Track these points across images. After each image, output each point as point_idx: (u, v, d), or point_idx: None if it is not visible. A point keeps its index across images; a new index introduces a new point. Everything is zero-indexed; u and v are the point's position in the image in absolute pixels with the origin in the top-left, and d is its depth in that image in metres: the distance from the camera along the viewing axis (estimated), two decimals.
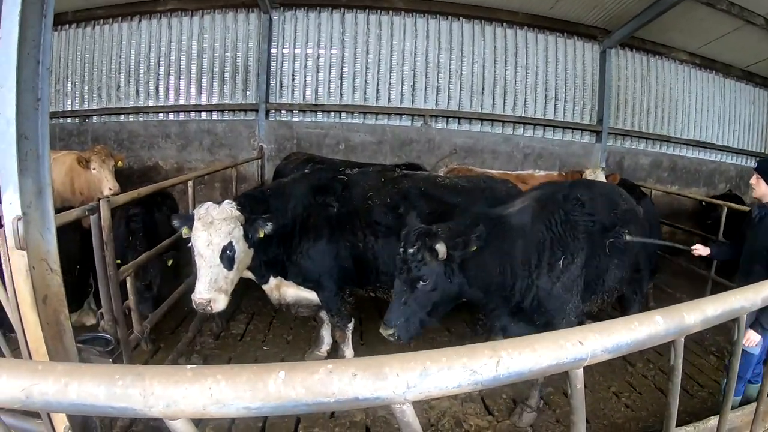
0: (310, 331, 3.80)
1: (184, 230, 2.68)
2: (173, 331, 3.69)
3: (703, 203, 5.74)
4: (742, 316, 1.45)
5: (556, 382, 3.11)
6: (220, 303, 2.55)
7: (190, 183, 3.62)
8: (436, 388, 0.76)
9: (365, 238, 3.02)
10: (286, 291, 3.20)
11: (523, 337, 0.90)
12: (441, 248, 2.15)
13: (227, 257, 2.57)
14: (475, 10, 6.03)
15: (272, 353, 3.53)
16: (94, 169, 4.35)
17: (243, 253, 2.69)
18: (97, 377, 0.66)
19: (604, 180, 5.02)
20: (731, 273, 4.20)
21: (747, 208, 4.82)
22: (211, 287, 2.52)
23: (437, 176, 3.71)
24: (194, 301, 2.53)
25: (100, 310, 2.48)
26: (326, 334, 3.41)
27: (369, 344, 3.64)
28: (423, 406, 2.86)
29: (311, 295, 3.16)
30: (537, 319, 2.49)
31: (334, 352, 3.35)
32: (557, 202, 2.62)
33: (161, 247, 3.13)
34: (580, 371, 0.97)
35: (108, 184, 4.32)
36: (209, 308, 2.54)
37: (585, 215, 2.61)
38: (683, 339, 1.24)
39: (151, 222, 3.68)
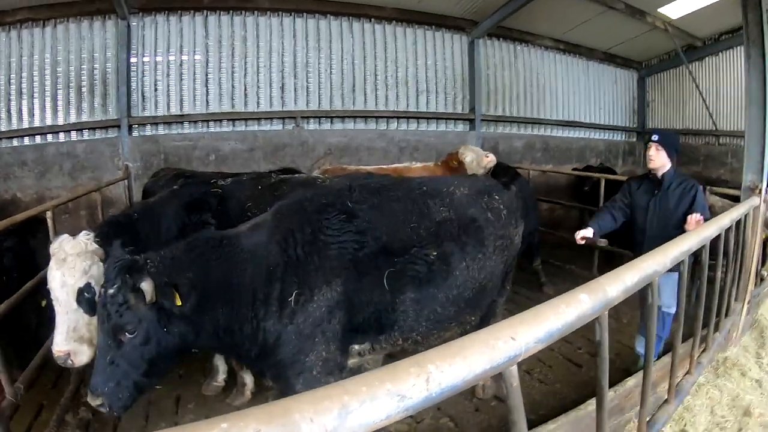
0: (203, 361, 3.40)
1: None
2: (54, 384, 3.22)
3: (579, 176, 6.13)
4: (655, 280, 1.50)
5: None
6: (83, 355, 2.17)
7: (48, 213, 3.14)
8: (361, 426, 0.62)
9: None
10: None
11: (449, 344, 0.79)
12: (147, 287, 1.63)
13: (86, 300, 2.19)
14: (342, 6, 5.98)
15: (166, 392, 3.15)
16: None
17: None
18: None
19: (480, 154, 5.01)
20: (615, 238, 4.13)
21: (622, 177, 5.22)
22: (69, 337, 2.15)
23: (316, 178, 3.56)
24: (54, 354, 2.17)
25: None
26: (220, 362, 3.16)
27: None
28: None
29: None
30: (267, 371, 1.94)
31: (232, 380, 3.10)
32: (304, 214, 1.98)
33: (29, 288, 2.71)
34: (515, 368, 0.88)
35: None
36: (70, 362, 2.17)
37: (346, 233, 1.95)
38: (607, 313, 1.22)
39: (27, 253, 3.28)
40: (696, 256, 2.25)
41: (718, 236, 2.32)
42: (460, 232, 2.21)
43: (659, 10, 6.45)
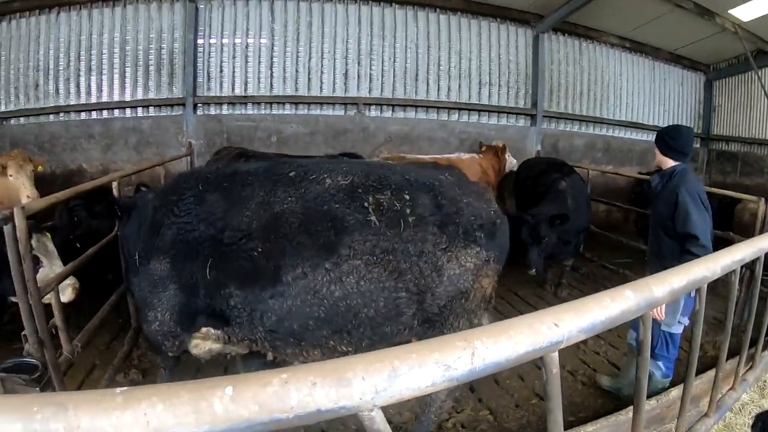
0: None
1: None
2: (108, 346, 3.35)
3: (638, 179, 5.91)
4: (704, 286, 1.49)
5: None
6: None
7: (114, 184, 3.30)
8: (408, 390, 0.67)
9: None
10: None
11: (496, 324, 0.83)
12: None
13: None
14: None
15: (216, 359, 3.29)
16: (11, 175, 3.99)
17: None
18: (11, 411, 0.52)
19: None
20: None
21: None
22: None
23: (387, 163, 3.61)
24: None
25: (23, 332, 2.21)
26: None
27: None
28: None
29: None
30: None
31: None
32: (163, 202, 2.12)
33: (90, 253, 2.84)
34: (556, 355, 0.92)
35: (26, 192, 3.98)
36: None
37: (186, 215, 2.01)
38: (651, 313, 1.24)
39: (92, 214, 3.37)
40: (750, 269, 2.09)
41: None
42: (300, 229, 1.86)
43: (730, 11, 6.11)
